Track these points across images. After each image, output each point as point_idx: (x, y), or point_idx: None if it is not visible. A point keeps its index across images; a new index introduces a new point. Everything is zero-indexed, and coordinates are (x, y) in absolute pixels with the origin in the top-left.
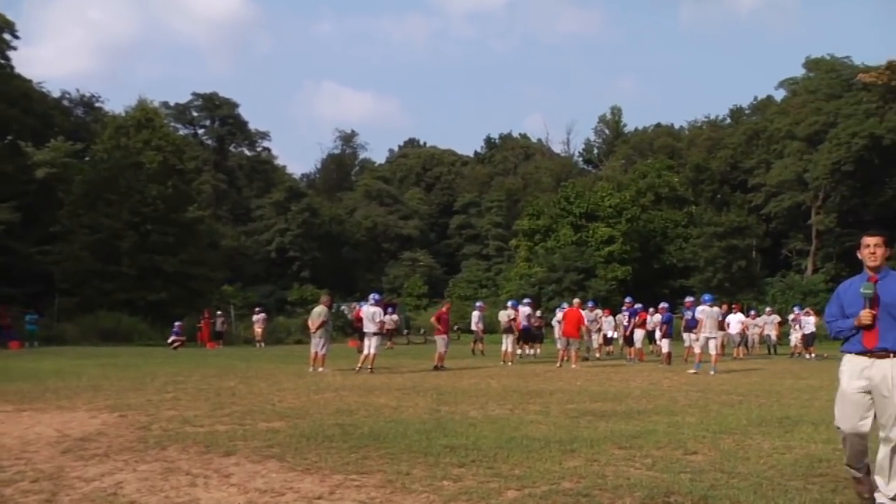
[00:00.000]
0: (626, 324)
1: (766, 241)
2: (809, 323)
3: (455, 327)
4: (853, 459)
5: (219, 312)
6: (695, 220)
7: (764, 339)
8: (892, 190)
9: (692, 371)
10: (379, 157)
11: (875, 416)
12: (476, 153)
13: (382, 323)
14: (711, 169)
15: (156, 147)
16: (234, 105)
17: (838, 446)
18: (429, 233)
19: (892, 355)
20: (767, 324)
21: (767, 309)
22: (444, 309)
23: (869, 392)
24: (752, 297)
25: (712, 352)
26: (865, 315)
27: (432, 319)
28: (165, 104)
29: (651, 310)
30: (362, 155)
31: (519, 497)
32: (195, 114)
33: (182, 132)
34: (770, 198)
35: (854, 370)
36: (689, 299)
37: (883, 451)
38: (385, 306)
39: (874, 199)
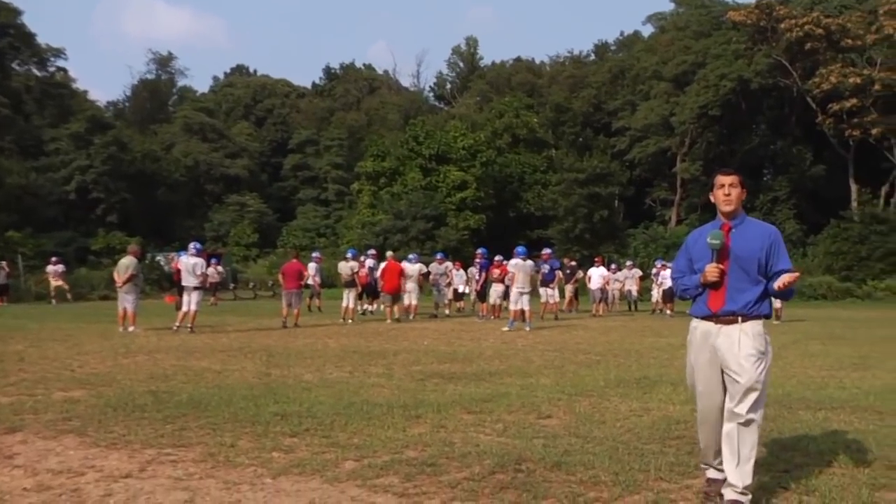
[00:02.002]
0: (477, 277)
1: (629, 189)
2: (668, 278)
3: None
4: (710, 448)
5: (2, 262)
6: (555, 164)
7: (625, 295)
8: (759, 137)
9: (505, 329)
10: (201, 85)
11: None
12: (314, 84)
13: (205, 276)
14: (573, 109)
15: None
16: (16, 12)
17: (696, 408)
18: (259, 174)
19: (740, 319)
20: (628, 279)
21: (628, 263)
22: (292, 261)
23: (718, 365)
24: (614, 250)
25: (525, 307)
26: (711, 270)
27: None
28: None
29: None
30: (181, 82)
31: (357, 468)
32: None
33: None
34: (634, 142)
35: (699, 339)
36: (546, 251)
37: (729, 431)
38: (208, 257)
39: (741, 146)
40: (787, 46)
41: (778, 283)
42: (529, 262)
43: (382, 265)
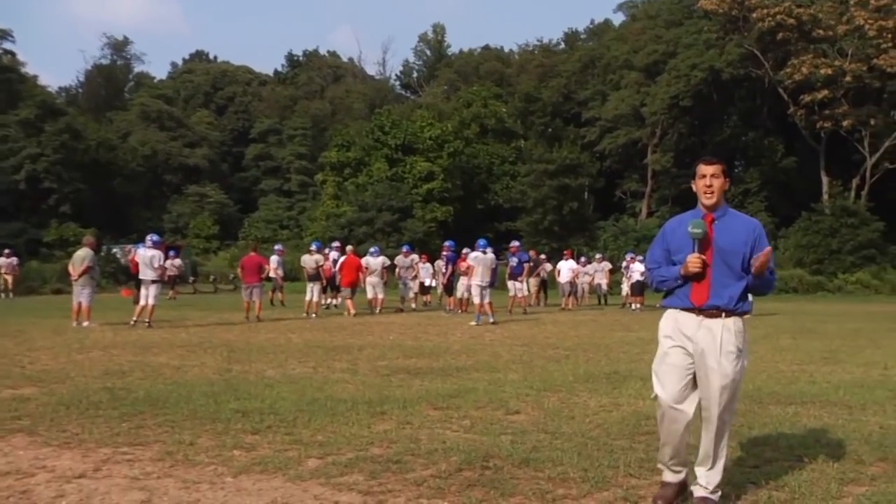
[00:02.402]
0: (444, 271)
1: (599, 180)
2: (637, 271)
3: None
4: (668, 447)
5: None
6: (524, 155)
7: (594, 289)
8: (730, 129)
9: (473, 323)
10: (159, 71)
11: (698, 392)
12: (276, 72)
13: (163, 269)
14: (543, 99)
15: None
16: None
17: (658, 402)
18: (220, 164)
19: (724, 315)
20: (598, 272)
21: (598, 256)
22: (251, 253)
23: (692, 358)
24: (584, 243)
25: (486, 300)
26: (693, 261)
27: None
28: None
29: None
30: (138, 68)
31: (321, 466)
32: None
33: None
34: (605, 133)
35: (677, 328)
36: (514, 244)
37: (707, 436)
38: (166, 249)
39: (712, 138)
40: (759, 36)
41: (754, 262)
42: (490, 256)
43: (342, 259)
